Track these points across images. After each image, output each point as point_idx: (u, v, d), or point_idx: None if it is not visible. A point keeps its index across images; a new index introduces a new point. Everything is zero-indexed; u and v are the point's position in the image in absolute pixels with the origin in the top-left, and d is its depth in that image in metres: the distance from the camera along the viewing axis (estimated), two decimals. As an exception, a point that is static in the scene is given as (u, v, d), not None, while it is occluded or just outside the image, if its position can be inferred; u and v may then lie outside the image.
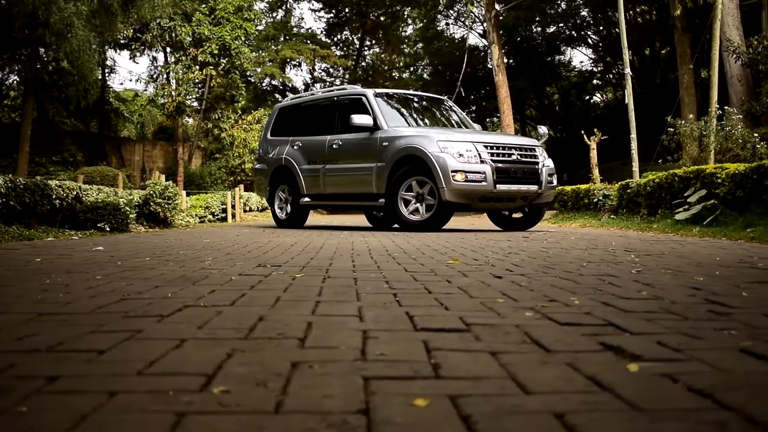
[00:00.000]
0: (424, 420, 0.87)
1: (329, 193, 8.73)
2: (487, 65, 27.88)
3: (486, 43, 25.65)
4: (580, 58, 77.47)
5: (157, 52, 24.43)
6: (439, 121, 8.95)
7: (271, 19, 33.85)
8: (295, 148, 9.22)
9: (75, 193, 7.90)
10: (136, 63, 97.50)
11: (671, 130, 12.68)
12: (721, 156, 11.65)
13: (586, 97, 34.37)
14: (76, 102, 21.77)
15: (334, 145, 8.57)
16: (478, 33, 31.99)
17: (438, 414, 0.89)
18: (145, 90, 29.58)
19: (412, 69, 36.76)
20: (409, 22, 35.99)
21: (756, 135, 11.20)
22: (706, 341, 1.39)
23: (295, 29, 34.89)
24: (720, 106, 12.85)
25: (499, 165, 7.35)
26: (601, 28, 29.05)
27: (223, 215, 14.46)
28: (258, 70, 28.80)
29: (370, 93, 8.47)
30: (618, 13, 13.68)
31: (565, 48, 31.57)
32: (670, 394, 0.98)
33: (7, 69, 21.42)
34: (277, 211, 9.64)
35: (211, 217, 14.05)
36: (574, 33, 29.85)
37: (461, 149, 7.27)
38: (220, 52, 22.45)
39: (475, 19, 30.84)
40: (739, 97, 15.54)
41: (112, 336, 1.43)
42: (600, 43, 30.20)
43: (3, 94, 22.85)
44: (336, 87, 10.71)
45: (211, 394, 0.98)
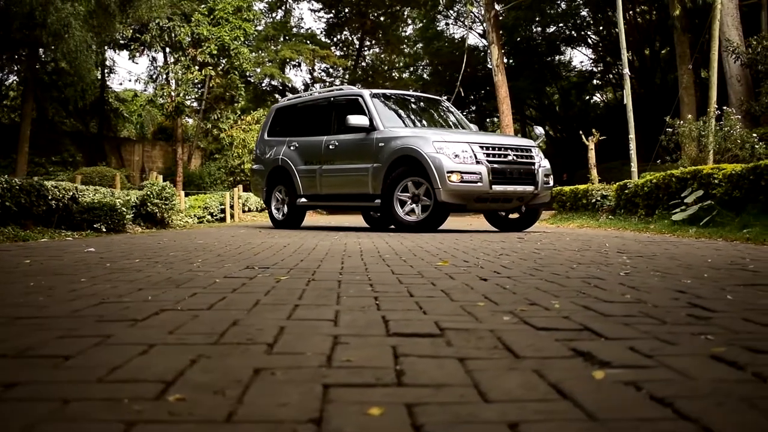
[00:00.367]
0: (375, 430, 0.86)
1: (326, 193, 8.72)
2: (487, 65, 27.84)
3: (486, 43, 25.62)
4: (580, 58, 77.37)
5: (156, 53, 24.44)
6: (435, 122, 8.93)
7: (270, 20, 33.85)
8: (291, 148, 9.21)
9: (71, 193, 7.89)
10: (136, 63, 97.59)
11: (670, 130, 12.65)
12: (719, 156, 11.62)
13: (586, 97, 34.32)
14: (75, 102, 21.76)
15: (331, 146, 8.55)
16: (477, 33, 32.01)
17: (391, 423, 0.88)
18: (144, 90, 29.60)
19: (411, 69, 36.74)
20: (408, 22, 35.98)
21: (755, 135, 11.17)
22: (679, 347, 1.37)
23: (294, 29, 34.88)
24: (719, 106, 12.81)
25: (494, 165, 7.34)
26: (601, 28, 29.01)
27: (222, 215, 14.45)
28: (257, 70, 28.78)
29: (366, 93, 8.46)
30: (617, 13, 13.65)
31: (565, 48, 31.54)
32: (631, 403, 0.96)
33: (6, 69, 21.44)
34: (274, 211, 9.63)
35: (209, 217, 14.04)
36: (573, 33, 29.80)
37: (457, 150, 7.25)
38: (219, 53, 22.44)
39: (475, 19, 30.83)
40: (739, 97, 15.50)
41: (81, 341, 1.42)
42: (600, 43, 30.15)
43: (2, 94, 22.85)
44: (333, 87, 10.70)
45: (166, 403, 0.97)
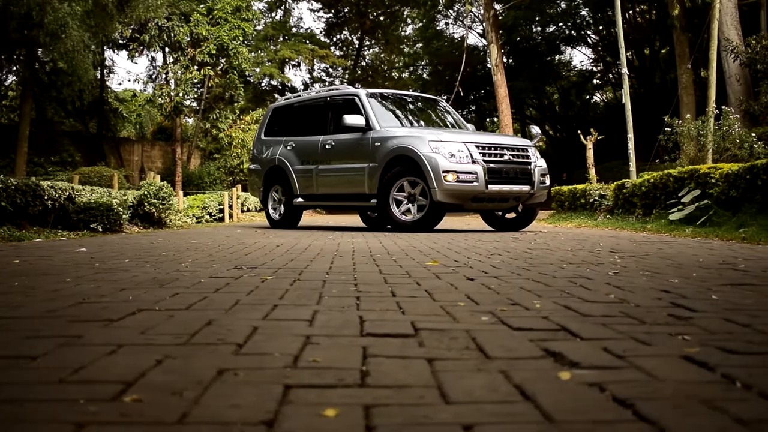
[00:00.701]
0: (327, 431, 0.84)
1: (322, 193, 8.71)
2: (486, 65, 27.80)
3: (485, 42, 25.60)
4: (579, 57, 77.32)
5: (155, 53, 24.41)
6: (432, 122, 8.92)
7: (269, 19, 33.81)
8: (288, 148, 9.20)
9: (67, 193, 7.89)
10: (135, 63, 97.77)
11: (669, 129, 12.62)
12: (718, 155, 11.60)
13: (585, 97, 34.27)
14: (74, 102, 21.75)
15: (327, 146, 8.54)
16: (477, 33, 31.99)
17: (343, 425, 0.86)
18: (143, 90, 29.60)
19: (411, 69, 36.70)
20: (408, 21, 35.93)
21: (753, 134, 11.14)
22: (653, 347, 1.36)
23: (294, 29, 34.83)
24: (718, 105, 12.78)
25: (491, 165, 7.32)
26: (600, 28, 28.96)
27: (221, 215, 14.44)
28: (257, 70, 28.76)
29: (362, 93, 8.44)
30: (615, 12, 13.63)
31: (564, 48, 31.48)
32: (591, 405, 0.95)
33: (5, 69, 21.42)
34: (271, 211, 9.62)
35: (208, 217, 14.02)
36: (573, 33, 29.75)
37: (453, 149, 7.24)
38: (218, 53, 22.42)
39: (474, 19, 30.81)
40: (738, 96, 15.47)
41: (50, 341, 1.41)
42: (599, 43, 30.11)
43: (1, 94, 22.84)
44: (330, 87, 10.68)
45: (121, 404, 0.95)
